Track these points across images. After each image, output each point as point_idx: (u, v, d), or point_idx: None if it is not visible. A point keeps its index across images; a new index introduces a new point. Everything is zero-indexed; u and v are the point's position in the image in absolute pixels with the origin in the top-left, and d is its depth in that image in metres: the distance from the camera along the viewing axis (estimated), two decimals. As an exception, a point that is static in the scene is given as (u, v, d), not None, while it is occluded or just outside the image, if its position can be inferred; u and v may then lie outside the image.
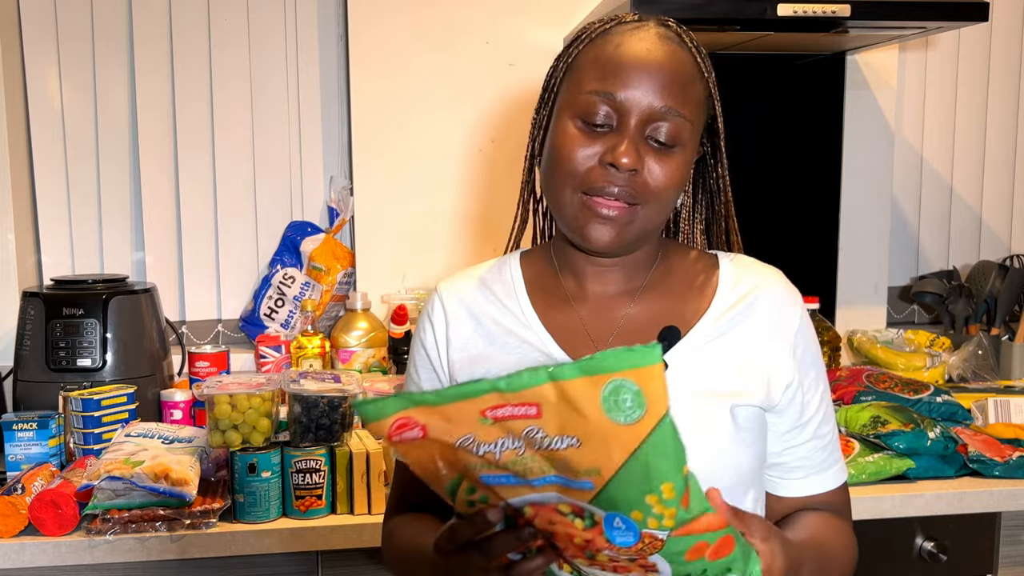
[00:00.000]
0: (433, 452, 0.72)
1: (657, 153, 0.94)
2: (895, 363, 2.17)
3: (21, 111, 2.15)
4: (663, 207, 0.97)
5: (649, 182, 0.94)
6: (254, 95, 2.24)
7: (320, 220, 2.31)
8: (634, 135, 0.94)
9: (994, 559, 1.69)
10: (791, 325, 1.00)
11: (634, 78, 0.94)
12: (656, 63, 0.95)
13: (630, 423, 0.65)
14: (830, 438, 1.04)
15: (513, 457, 0.69)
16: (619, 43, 0.96)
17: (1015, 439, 1.75)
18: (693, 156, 0.99)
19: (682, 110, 0.94)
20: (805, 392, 1.01)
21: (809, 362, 1.02)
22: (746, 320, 1.00)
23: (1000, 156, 2.54)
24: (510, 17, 2.17)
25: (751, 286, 1.02)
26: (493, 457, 0.69)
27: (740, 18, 1.85)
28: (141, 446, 1.55)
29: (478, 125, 2.18)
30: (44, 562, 1.44)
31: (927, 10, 1.88)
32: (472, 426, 0.68)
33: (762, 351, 0.99)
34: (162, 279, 2.21)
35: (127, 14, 2.17)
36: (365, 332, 2.09)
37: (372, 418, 0.71)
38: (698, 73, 0.98)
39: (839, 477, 1.06)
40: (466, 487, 0.74)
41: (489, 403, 0.68)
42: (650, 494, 0.67)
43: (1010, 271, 2.34)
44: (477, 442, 0.69)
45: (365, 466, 1.53)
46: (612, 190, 0.93)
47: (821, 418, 1.03)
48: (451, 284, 1.08)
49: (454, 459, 0.72)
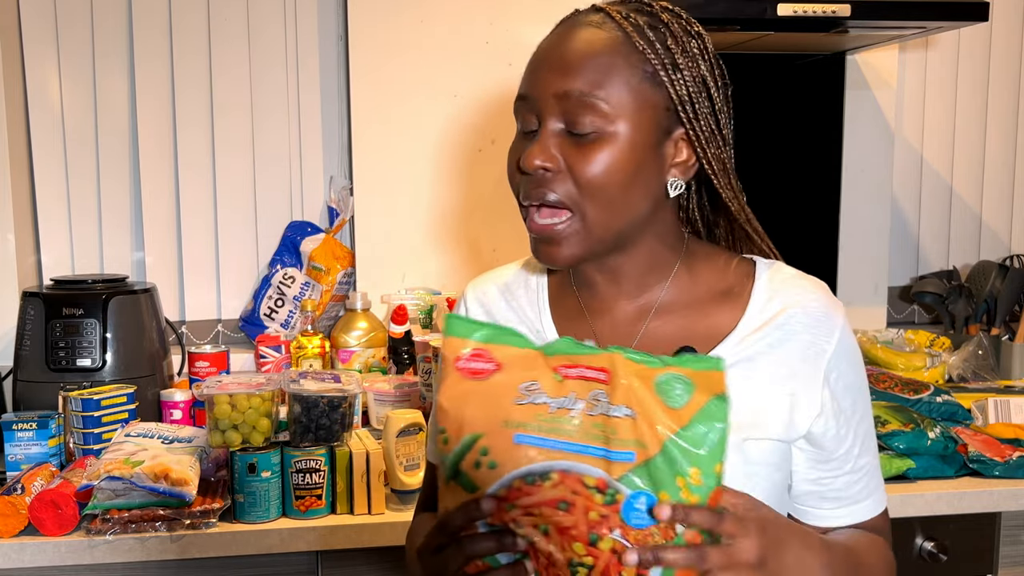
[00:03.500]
0: (476, 394, 0.75)
1: (578, 146, 0.87)
2: (895, 363, 2.17)
3: (21, 111, 2.15)
4: (610, 204, 0.88)
5: (575, 178, 0.87)
6: (254, 95, 2.24)
7: (320, 220, 2.31)
8: (547, 131, 0.88)
9: (994, 559, 1.69)
10: (826, 350, 0.91)
11: (539, 72, 0.90)
12: (558, 50, 0.89)
13: (678, 408, 0.73)
14: (869, 468, 0.97)
15: (564, 417, 0.74)
16: (539, 45, 0.93)
17: (1015, 439, 1.75)
18: (643, 140, 0.88)
19: (596, 91, 0.86)
20: (841, 423, 0.92)
21: (845, 388, 0.92)
22: (775, 344, 0.91)
23: (1000, 156, 2.54)
24: (510, 17, 2.17)
25: (785, 304, 0.92)
26: (547, 410, 0.74)
27: (740, 18, 1.86)
28: (141, 446, 1.55)
29: (478, 126, 2.18)
30: (44, 562, 1.43)
31: (927, 10, 1.88)
32: (542, 377, 0.75)
33: (789, 379, 0.90)
34: (162, 279, 2.20)
35: (127, 15, 2.17)
36: (365, 332, 2.09)
37: (456, 334, 0.77)
38: (622, 47, 0.88)
39: (877, 507, 0.98)
40: (480, 447, 0.75)
41: (562, 361, 0.75)
42: (679, 477, 0.72)
43: (1010, 271, 2.34)
44: (540, 391, 0.74)
45: (365, 466, 1.53)
46: (531, 193, 0.88)
47: (859, 450, 0.95)
48: (477, 286, 1.07)
49: (495, 408, 0.74)
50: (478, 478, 0.75)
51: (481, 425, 0.75)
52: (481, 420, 0.75)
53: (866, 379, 0.97)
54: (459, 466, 0.76)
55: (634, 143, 0.88)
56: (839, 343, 0.92)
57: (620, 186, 0.88)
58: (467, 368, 0.77)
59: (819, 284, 0.95)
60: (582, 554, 0.74)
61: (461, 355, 0.77)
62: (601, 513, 0.73)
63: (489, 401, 0.76)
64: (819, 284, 0.95)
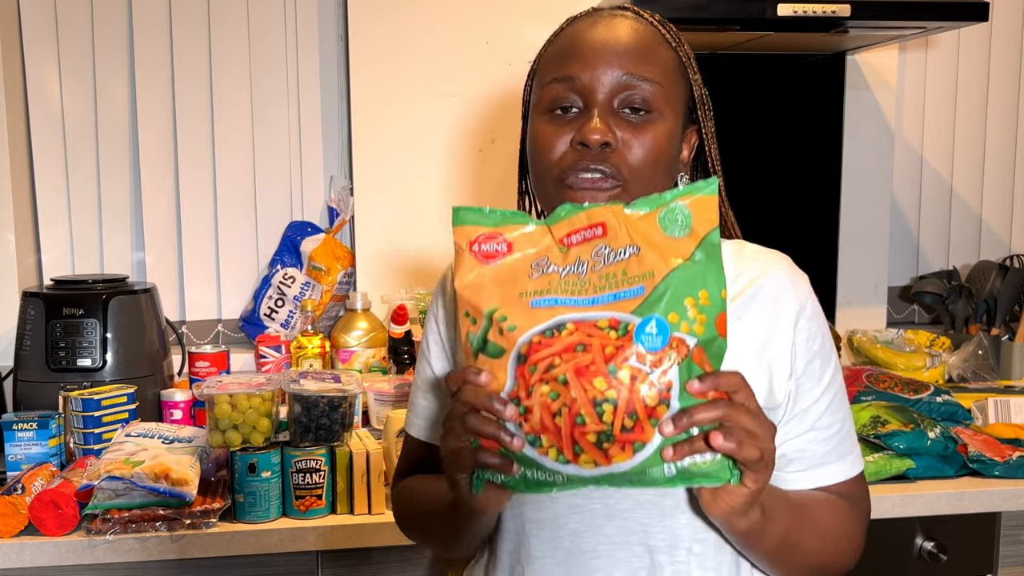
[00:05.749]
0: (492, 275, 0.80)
1: (632, 125, 0.92)
2: (895, 363, 2.17)
3: (21, 111, 2.15)
4: (650, 183, 0.93)
5: (627, 156, 0.92)
6: (254, 95, 2.24)
7: (320, 220, 2.31)
8: (603, 110, 0.92)
9: (994, 559, 1.69)
10: (792, 313, 0.95)
11: (590, 55, 0.94)
12: (612, 36, 0.94)
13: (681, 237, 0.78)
14: (835, 430, 0.97)
15: (575, 279, 0.79)
16: (572, 33, 0.97)
17: (1015, 439, 1.75)
18: (677, 128, 0.96)
19: (648, 74, 0.93)
20: (803, 383, 0.96)
21: (814, 350, 0.96)
22: (748, 313, 0.95)
23: (1000, 156, 2.54)
24: (510, 17, 2.17)
25: (753, 275, 0.97)
26: (558, 277, 0.80)
27: (740, 18, 1.86)
28: (141, 446, 1.55)
29: (478, 125, 2.18)
30: (44, 562, 1.44)
31: (927, 10, 1.88)
32: (550, 251, 0.81)
33: (764, 345, 0.94)
34: (162, 279, 2.21)
35: (127, 15, 2.17)
36: (365, 332, 2.09)
37: (467, 222, 0.82)
38: (662, 41, 0.96)
39: (847, 470, 0.99)
40: (500, 316, 0.79)
41: (564, 231, 0.81)
42: (689, 297, 0.77)
43: (1010, 271, 2.34)
44: (550, 262, 0.80)
45: (365, 466, 1.53)
46: (588, 167, 0.92)
47: (824, 409, 0.97)
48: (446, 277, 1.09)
49: (511, 285, 0.80)
50: (501, 342, 0.79)
51: (498, 300, 0.80)
52: (499, 296, 0.80)
53: (834, 347, 1.00)
54: (486, 338, 0.80)
55: (673, 129, 0.95)
56: (804, 307, 0.96)
57: (662, 166, 0.94)
58: (481, 252, 0.82)
59: (782, 256, 0.99)
60: (604, 389, 0.75)
61: (475, 239, 0.82)
62: (615, 345, 0.76)
63: (505, 279, 0.80)
64: (782, 256, 0.99)
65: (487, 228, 0.82)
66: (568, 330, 0.77)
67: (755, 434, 0.77)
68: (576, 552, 0.94)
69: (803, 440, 0.97)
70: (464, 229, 0.82)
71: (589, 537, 0.94)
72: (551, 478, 0.78)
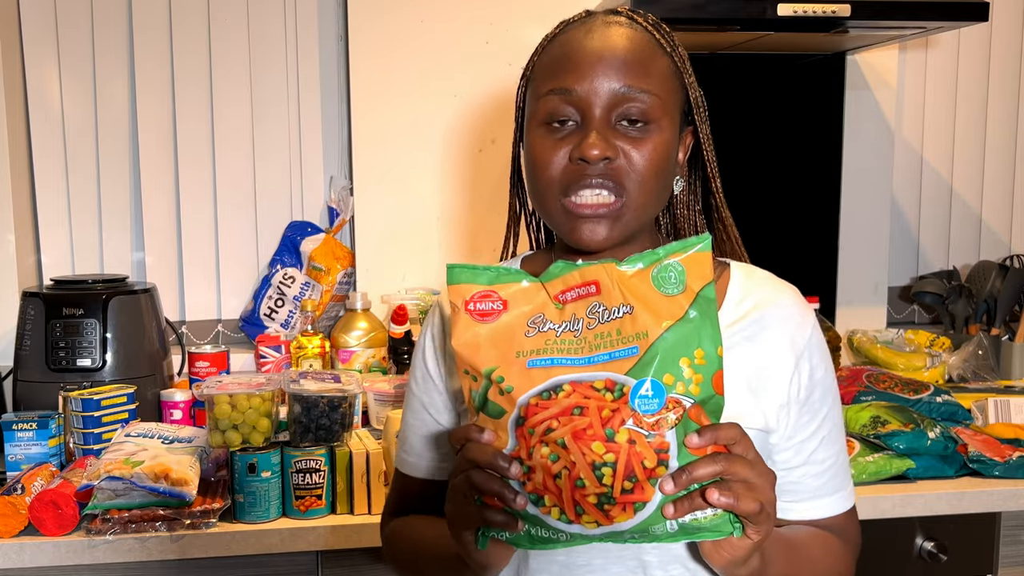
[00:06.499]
0: (487, 335, 0.80)
1: (630, 137, 0.91)
2: (895, 363, 2.17)
3: (21, 111, 2.15)
4: (650, 193, 0.93)
5: (628, 168, 0.91)
6: (254, 94, 2.24)
7: (320, 220, 2.31)
8: (600, 124, 0.91)
9: (994, 559, 1.69)
10: (798, 344, 0.95)
11: (586, 67, 0.92)
12: (607, 47, 0.92)
13: (675, 295, 0.78)
14: (831, 463, 0.98)
15: (571, 338, 0.79)
16: (566, 41, 0.95)
17: (1015, 439, 1.75)
18: (675, 135, 0.95)
19: (645, 86, 0.91)
20: (803, 415, 0.96)
21: (814, 383, 0.96)
22: (750, 340, 0.95)
23: (1000, 156, 2.54)
24: (510, 17, 2.17)
25: (758, 302, 0.97)
26: (554, 336, 0.79)
27: (740, 18, 1.86)
28: (141, 446, 1.55)
29: (478, 126, 2.18)
30: (44, 562, 1.44)
31: (927, 10, 1.88)
32: (546, 307, 0.81)
33: (765, 372, 0.94)
34: (162, 279, 2.21)
35: (127, 15, 2.17)
36: (365, 332, 2.09)
37: (461, 280, 0.81)
38: (657, 48, 0.94)
39: (839, 505, 0.99)
40: (497, 377, 0.79)
41: (559, 288, 0.81)
42: (684, 357, 0.76)
43: (1010, 271, 2.34)
44: (546, 319, 0.80)
45: (365, 466, 1.53)
46: (590, 183, 0.91)
47: (819, 443, 0.97)
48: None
49: (508, 344, 0.79)
50: (501, 402, 0.79)
51: (496, 359, 0.80)
52: (496, 356, 0.80)
53: (835, 381, 1.00)
54: (486, 397, 0.80)
55: (671, 137, 0.94)
56: (811, 339, 0.97)
57: (661, 176, 0.94)
58: (476, 311, 0.81)
59: (790, 286, 1.00)
60: (602, 453, 0.76)
61: (470, 298, 0.81)
62: (612, 408, 0.76)
63: (501, 339, 0.80)
64: (790, 286, 1.00)
65: (481, 286, 0.82)
66: (565, 392, 0.77)
67: (754, 485, 0.77)
68: (571, 566, 0.94)
69: (797, 473, 0.98)
70: (459, 288, 0.82)
71: (583, 551, 0.94)
72: (555, 536, 0.79)
